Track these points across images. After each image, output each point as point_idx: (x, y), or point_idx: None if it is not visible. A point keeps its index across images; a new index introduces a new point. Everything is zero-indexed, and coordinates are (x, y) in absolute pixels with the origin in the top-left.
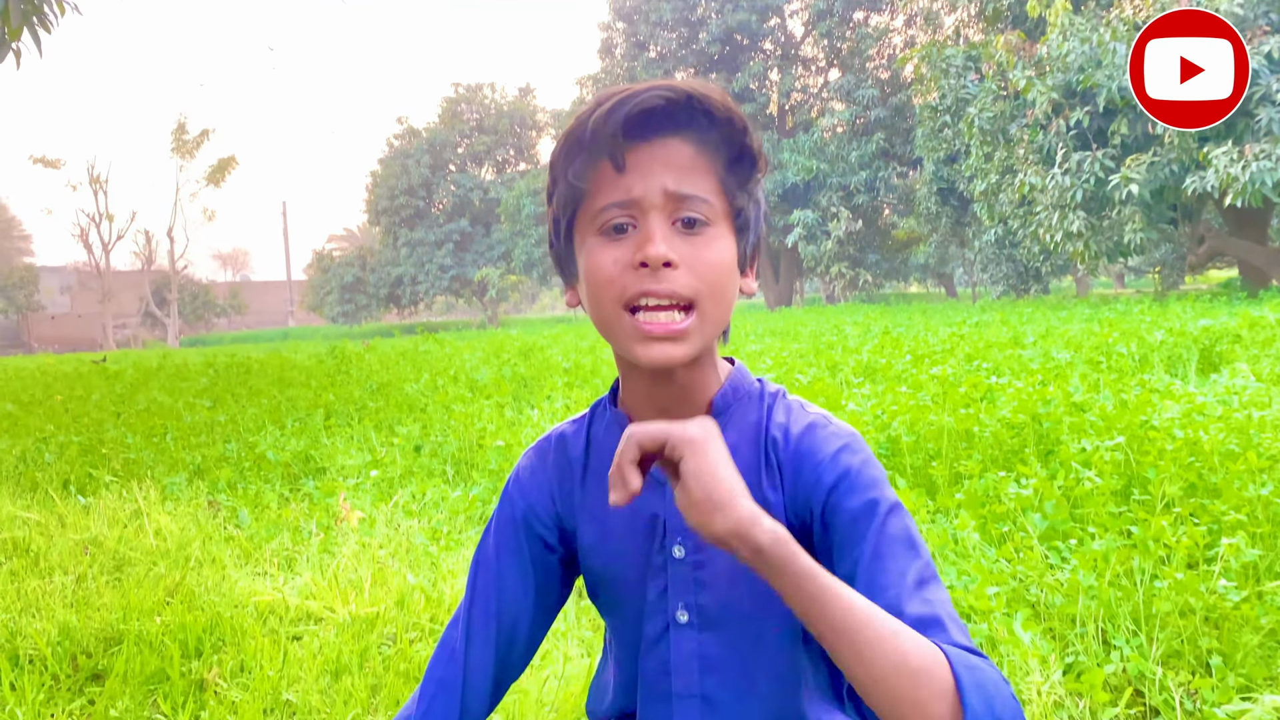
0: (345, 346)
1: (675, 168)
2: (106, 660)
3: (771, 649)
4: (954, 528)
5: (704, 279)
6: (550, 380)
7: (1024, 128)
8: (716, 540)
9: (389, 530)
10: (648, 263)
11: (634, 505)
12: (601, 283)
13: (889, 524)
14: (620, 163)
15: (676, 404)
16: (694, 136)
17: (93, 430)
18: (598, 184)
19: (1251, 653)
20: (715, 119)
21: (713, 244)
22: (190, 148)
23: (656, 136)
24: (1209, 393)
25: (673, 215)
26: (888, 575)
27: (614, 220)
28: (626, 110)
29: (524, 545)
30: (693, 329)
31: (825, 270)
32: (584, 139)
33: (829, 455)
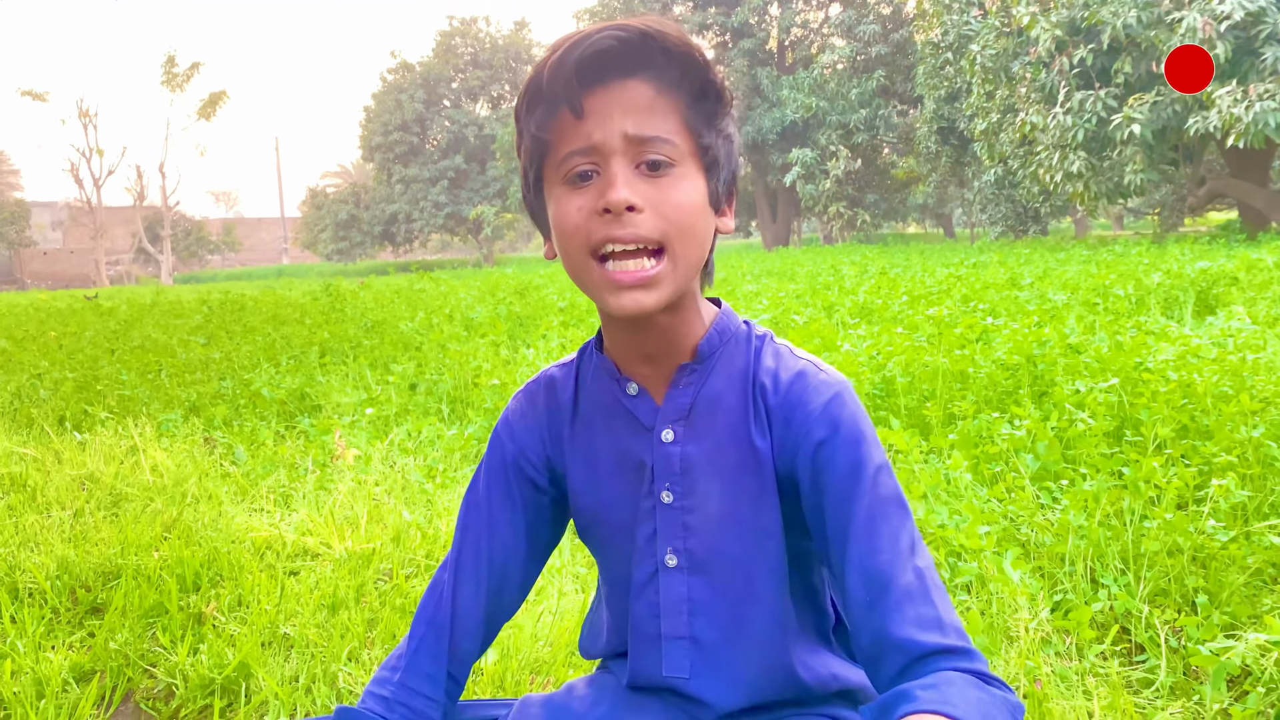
0: (340, 284)
1: (635, 110)
2: (105, 594)
3: (759, 592)
4: (946, 468)
5: (671, 220)
6: (546, 319)
7: (1026, 65)
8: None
9: (384, 468)
10: (610, 208)
11: (622, 450)
12: (568, 232)
13: (880, 483)
14: (578, 109)
15: (660, 350)
16: (653, 76)
17: (87, 367)
18: (559, 133)
19: (1237, 591)
20: (672, 56)
21: (678, 184)
22: (181, 81)
23: (614, 79)
24: (1204, 335)
25: (636, 159)
26: (881, 539)
27: (577, 168)
28: (578, 54)
29: (514, 488)
30: (663, 274)
31: (823, 210)
32: (542, 88)
33: (820, 406)
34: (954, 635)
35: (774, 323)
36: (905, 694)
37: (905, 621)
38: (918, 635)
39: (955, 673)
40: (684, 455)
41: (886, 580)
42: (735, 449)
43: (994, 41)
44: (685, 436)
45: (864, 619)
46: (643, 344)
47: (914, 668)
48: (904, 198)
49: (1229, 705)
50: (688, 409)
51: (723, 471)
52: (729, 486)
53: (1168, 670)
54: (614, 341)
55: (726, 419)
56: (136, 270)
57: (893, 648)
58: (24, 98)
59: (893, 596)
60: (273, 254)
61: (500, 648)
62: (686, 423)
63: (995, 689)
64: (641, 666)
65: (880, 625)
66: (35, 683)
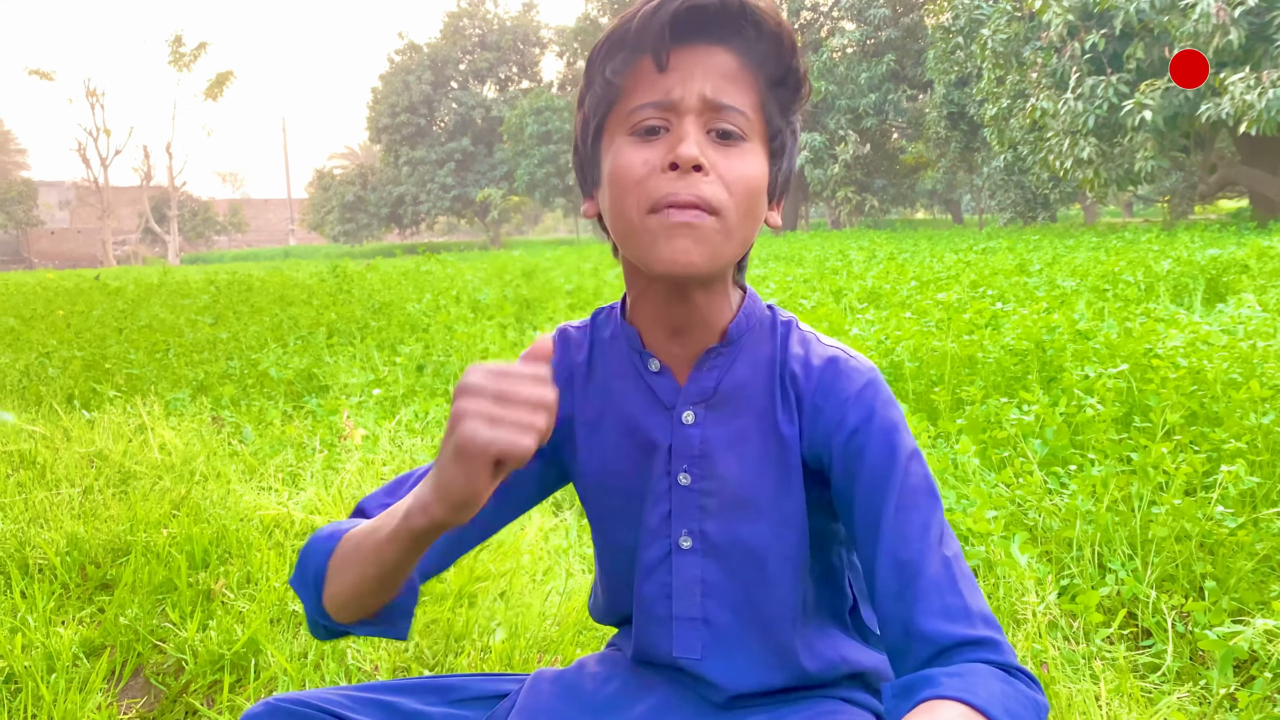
0: (347, 266)
1: (717, 75)
2: (115, 570)
3: (774, 578)
4: (954, 452)
5: (733, 190)
6: (553, 302)
7: (1038, 50)
8: None
9: (392, 448)
10: (678, 163)
11: (634, 424)
12: (629, 184)
13: (911, 471)
14: (662, 61)
15: (690, 326)
16: (740, 47)
17: (95, 346)
18: (635, 82)
19: (1245, 577)
20: (764, 32)
21: (746, 157)
22: (188, 61)
23: (702, 41)
24: (1214, 322)
25: (708, 124)
26: (911, 528)
27: (647, 121)
28: (675, 6)
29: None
30: (714, 230)
31: (831, 195)
32: (628, 35)
33: (853, 394)
34: (981, 625)
35: (782, 307)
36: (929, 678)
37: (932, 612)
38: (945, 626)
39: (982, 664)
40: (704, 438)
41: (915, 570)
42: (759, 435)
43: (1005, 26)
44: (707, 420)
45: (893, 609)
46: (674, 317)
47: (940, 658)
48: (913, 183)
49: (1235, 690)
50: (711, 392)
51: (744, 457)
52: (750, 472)
53: (1174, 655)
54: (642, 312)
55: (751, 405)
56: (143, 250)
57: (920, 638)
58: (31, 77)
59: (920, 586)
60: (279, 235)
61: (509, 626)
62: (709, 406)
63: (1021, 683)
64: (649, 646)
65: (908, 615)
66: (46, 657)
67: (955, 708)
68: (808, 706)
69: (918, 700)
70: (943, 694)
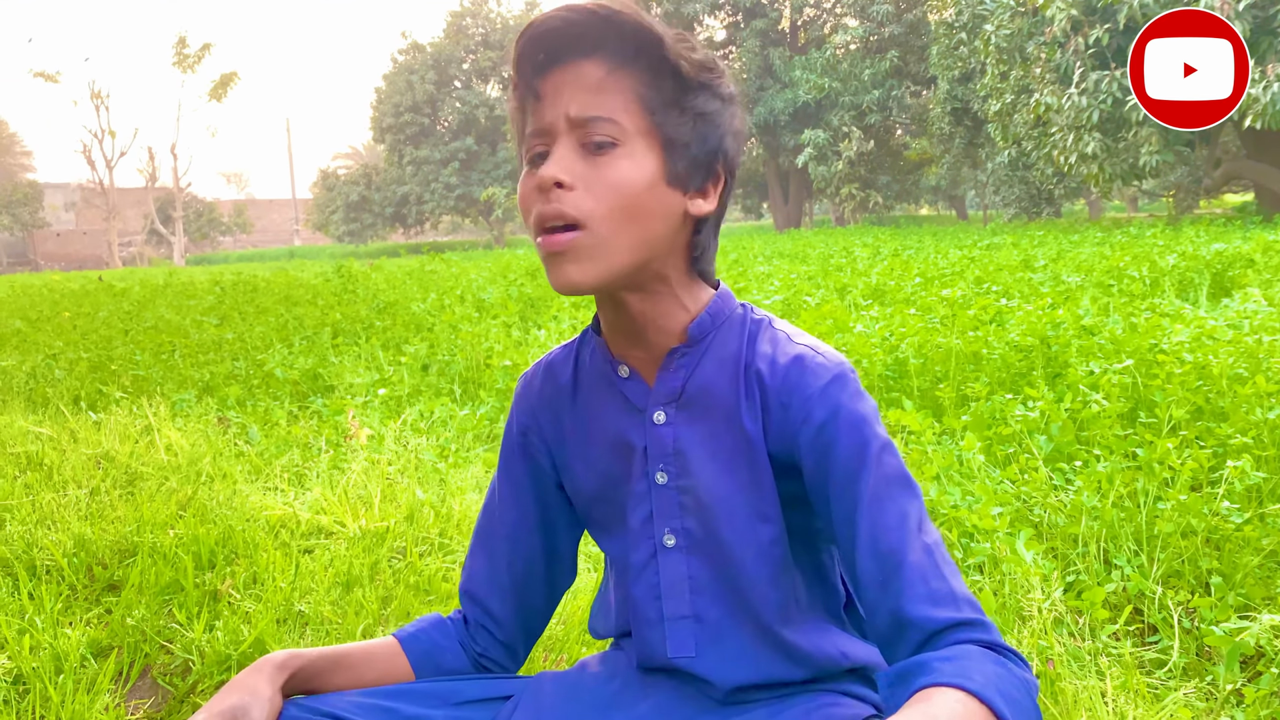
0: (351, 266)
1: (583, 89)
2: (122, 571)
3: (756, 573)
4: (960, 449)
5: (600, 199)
6: (557, 301)
7: (1041, 46)
8: None
9: (397, 447)
10: (539, 185)
11: (614, 431)
12: (524, 211)
13: (884, 463)
14: (535, 92)
15: (638, 330)
16: (606, 55)
17: (101, 347)
18: (526, 116)
19: (1251, 573)
20: (625, 35)
21: (616, 164)
22: (192, 62)
23: (569, 60)
24: (1219, 317)
25: (582, 139)
26: (889, 517)
27: (535, 149)
28: (527, 37)
29: (522, 473)
30: (581, 246)
31: (835, 191)
32: (513, 74)
33: (818, 390)
34: (967, 608)
35: (786, 304)
36: (923, 665)
37: (918, 598)
38: (932, 611)
39: (973, 646)
40: (676, 437)
41: (898, 559)
42: (728, 433)
43: (1009, 21)
44: (677, 419)
45: (878, 599)
46: (623, 324)
47: (930, 643)
48: (917, 179)
49: (1242, 685)
50: (679, 391)
51: (716, 455)
52: (723, 469)
53: (1181, 651)
54: (602, 322)
55: (718, 404)
56: (149, 251)
57: (908, 625)
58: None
59: (905, 574)
60: (284, 235)
61: None
62: (678, 405)
63: (1011, 663)
64: (646, 650)
65: (894, 604)
66: (54, 658)
67: (952, 694)
68: (807, 700)
69: (914, 688)
70: (938, 680)
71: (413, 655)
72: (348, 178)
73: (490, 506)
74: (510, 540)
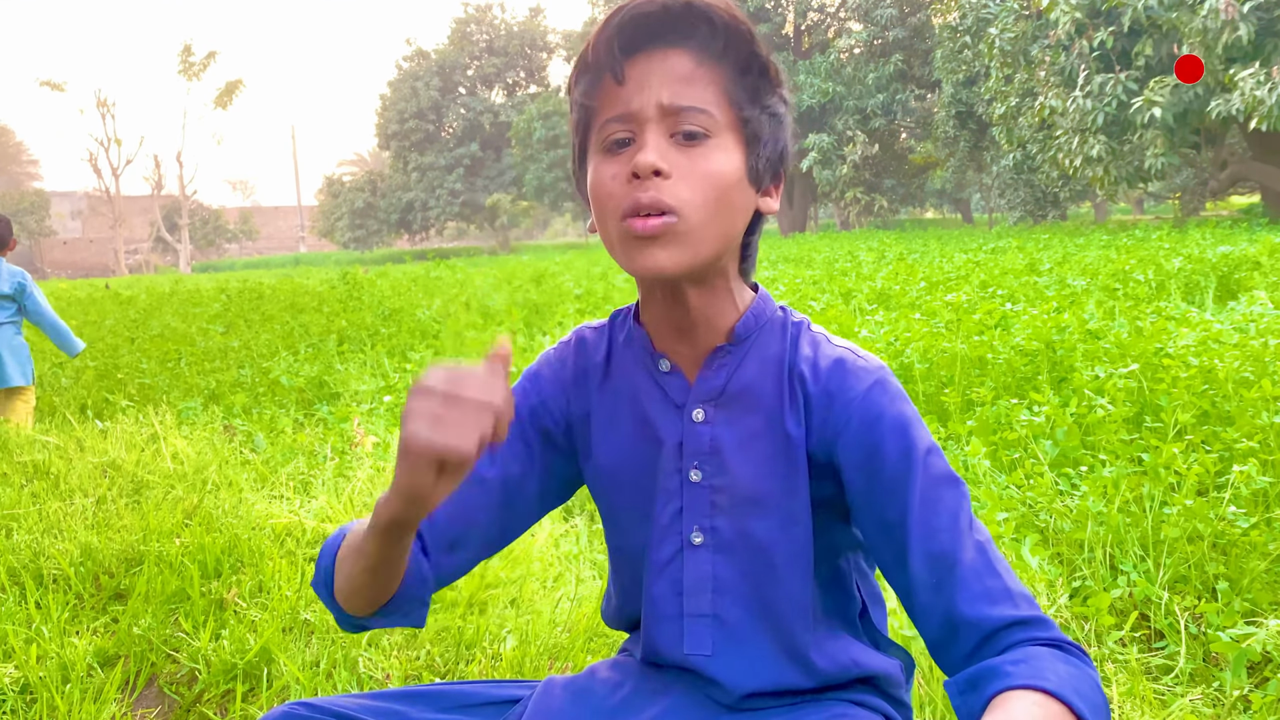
0: (356, 272)
1: (674, 79)
2: (128, 580)
3: (782, 576)
4: (965, 454)
5: (695, 189)
6: (562, 307)
7: (1046, 49)
8: None
9: None
10: (638, 172)
11: (648, 423)
12: (602, 198)
13: (931, 464)
14: (619, 75)
15: (691, 326)
16: (696, 47)
17: (108, 355)
18: (602, 101)
19: (1258, 578)
20: (716, 27)
21: (710, 155)
22: (197, 70)
23: (656, 47)
24: (1225, 320)
25: (671, 128)
26: (939, 519)
27: (615, 135)
28: (619, 19)
29: (528, 435)
30: (675, 232)
31: (840, 196)
32: (589, 57)
33: (860, 394)
34: (1025, 605)
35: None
36: (994, 669)
37: (975, 598)
38: (989, 610)
39: (1040, 647)
40: (714, 436)
41: (951, 560)
42: (768, 434)
43: (1013, 24)
44: (716, 418)
45: (931, 601)
46: (676, 318)
47: (989, 643)
48: (921, 183)
49: (1249, 691)
50: (720, 391)
51: (753, 455)
52: (759, 470)
53: (1187, 657)
54: (650, 313)
55: (760, 403)
56: (155, 259)
57: (965, 625)
58: (43, 88)
59: (959, 575)
60: (289, 242)
61: (519, 633)
62: (718, 404)
63: (1076, 658)
64: (660, 645)
65: (949, 605)
66: (61, 667)
67: (1030, 696)
68: (818, 709)
69: (989, 694)
70: (1013, 684)
71: None
72: (353, 184)
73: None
74: (482, 490)
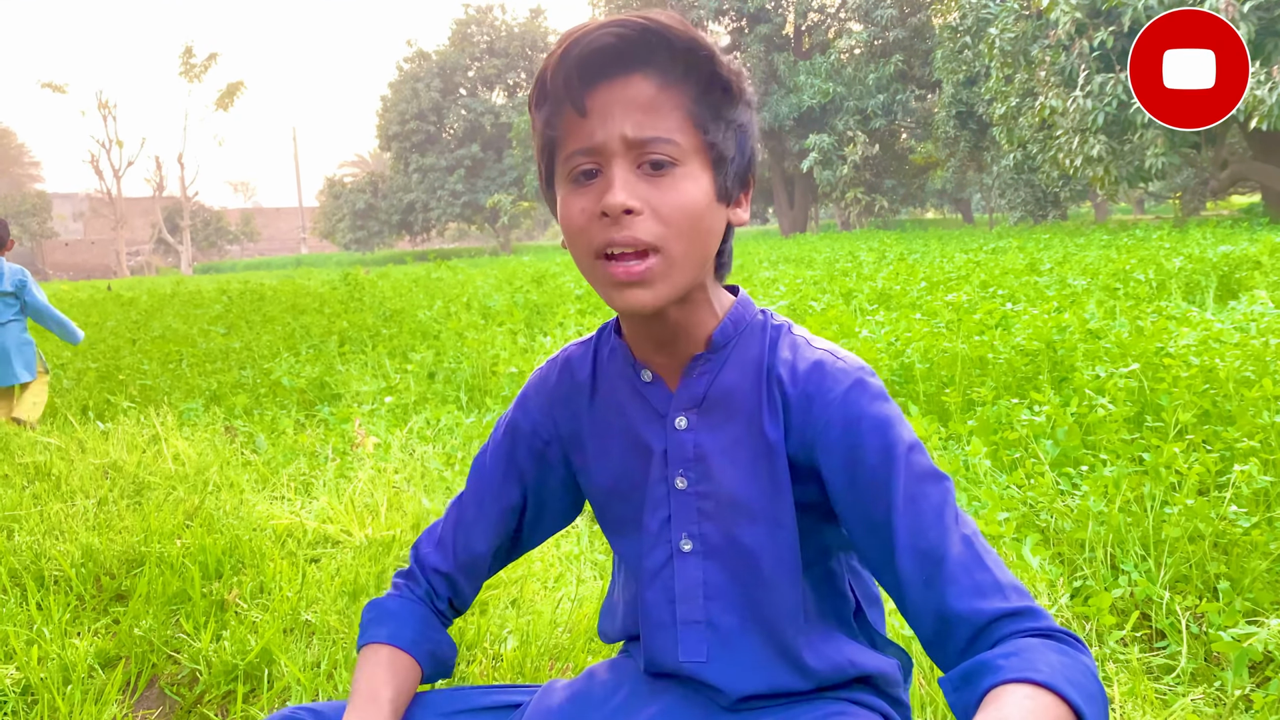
0: (358, 274)
1: (636, 108)
2: (129, 581)
3: (771, 579)
4: (966, 454)
5: (670, 222)
6: (563, 307)
7: (1046, 49)
8: None
9: (404, 455)
10: (608, 211)
11: (634, 434)
12: (573, 233)
13: (914, 462)
14: (581, 107)
15: (671, 338)
16: (655, 72)
17: (109, 357)
18: (566, 130)
19: (1260, 578)
20: (676, 51)
21: (679, 184)
22: (198, 71)
23: (617, 75)
24: (1226, 320)
25: (637, 159)
26: (925, 516)
27: (581, 167)
28: (578, 52)
29: (521, 461)
30: (656, 271)
31: (840, 196)
32: (547, 85)
33: (839, 394)
34: (1015, 596)
35: (791, 309)
36: (986, 664)
37: (964, 592)
38: (979, 603)
39: (1031, 638)
40: (697, 442)
41: (939, 556)
42: (749, 438)
43: (1013, 25)
44: (699, 424)
45: (922, 598)
46: (654, 333)
47: (982, 636)
48: (922, 183)
49: (1250, 691)
50: (701, 398)
51: (736, 460)
52: (742, 475)
53: (1189, 656)
54: (628, 329)
55: (740, 408)
56: (156, 260)
57: (957, 620)
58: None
59: (948, 570)
60: (291, 243)
61: (520, 635)
62: (700, 411)
63: (1069, 646)
64: (656, 654)
65: (940, 601)
66: (62, 668)
67: (1021, 689)
68: (815, 708)
69: (982, 689)
70: (1006, 678)
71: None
72: (354, 186)
73: (480, 478)
74: (486, 520)
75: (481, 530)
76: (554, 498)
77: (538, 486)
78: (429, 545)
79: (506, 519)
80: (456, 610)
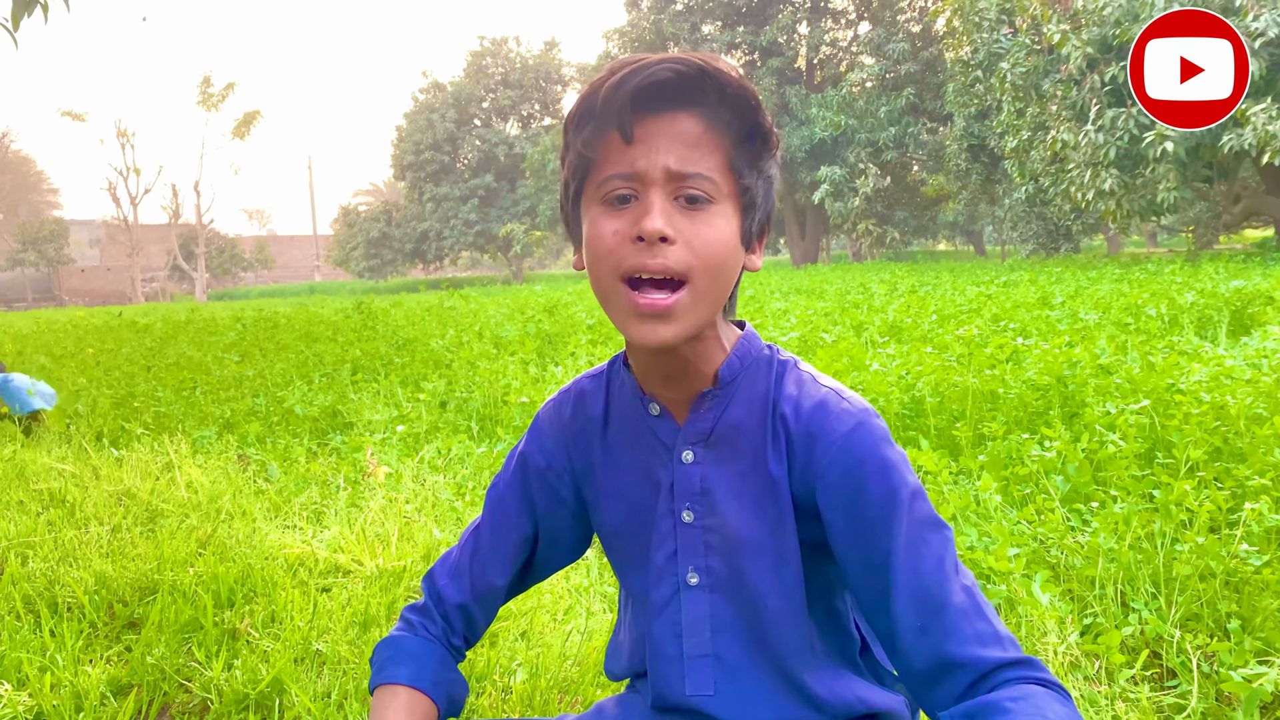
0: (371, 302)
1: (681, 143)
2: (142, 609)
3: (776, 615)
4: (976, 489)
5: (700, 255)
6: (574, 337)
7: (1057, 83)
8: None
9: (415, 485)
10: (644, 236)
11: (643, 467)
12: (601, 253)
13: (916, 508)
14: (628, 134)
15: (680, 374)
16: (704, 112)
17: (124, 383)
18: (605, 153)
19: (1271, 616)
20: (726, 95)
21: (713, 221)
22: (216, 101)
23: (666, 110)
24: (1239, 356)
25: (675, 192)
26: (925, 562)
27: (617, 191)
28: (637, 82)
29: (534, 494)
30: (682, 306)
31: (852, 227)
32: (595, 108)
33: (842, 435)
34: (1012, 648)
35: (802, 341)
36: (995, 705)
37: (966, 640)
38: (981, 652)
39: (1035, 686)
40: (704, 476)
41: (939, 603)
42: (754, 474)
43: (1024, 59)
44: (705, 458)
45: (916, 643)
46: (664, 368)
47: (982, 683)
48: (934, 215)
49: None
50: (708, 433)
51: (741, 495)
52: (747, 510)
53: (1199, 696)
54: (637, 362)
55: (746, 445)
56: (171, 287)
57: (958, 667)
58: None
59: (949, 617)
60: (305, 271)
61: (529, 667)
62: (706, 445)
63: (1067, 699)
64: (663, 687)
65: (938, 647)
66: (74, 696)
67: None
68: None
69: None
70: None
71: (444, 707)
72: (368, 214)
73: (496, 509)
74: (503, 551)
75: (499, 561)
76: (565, 531)
77: (549, 519)
78: (445, 578)
79: (520, 550)
80: (469, 643)
